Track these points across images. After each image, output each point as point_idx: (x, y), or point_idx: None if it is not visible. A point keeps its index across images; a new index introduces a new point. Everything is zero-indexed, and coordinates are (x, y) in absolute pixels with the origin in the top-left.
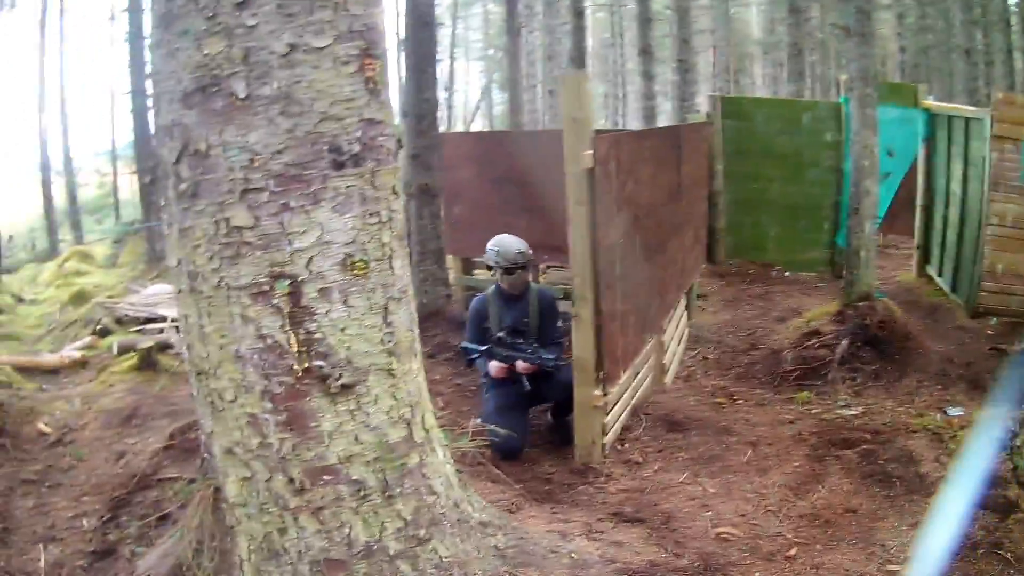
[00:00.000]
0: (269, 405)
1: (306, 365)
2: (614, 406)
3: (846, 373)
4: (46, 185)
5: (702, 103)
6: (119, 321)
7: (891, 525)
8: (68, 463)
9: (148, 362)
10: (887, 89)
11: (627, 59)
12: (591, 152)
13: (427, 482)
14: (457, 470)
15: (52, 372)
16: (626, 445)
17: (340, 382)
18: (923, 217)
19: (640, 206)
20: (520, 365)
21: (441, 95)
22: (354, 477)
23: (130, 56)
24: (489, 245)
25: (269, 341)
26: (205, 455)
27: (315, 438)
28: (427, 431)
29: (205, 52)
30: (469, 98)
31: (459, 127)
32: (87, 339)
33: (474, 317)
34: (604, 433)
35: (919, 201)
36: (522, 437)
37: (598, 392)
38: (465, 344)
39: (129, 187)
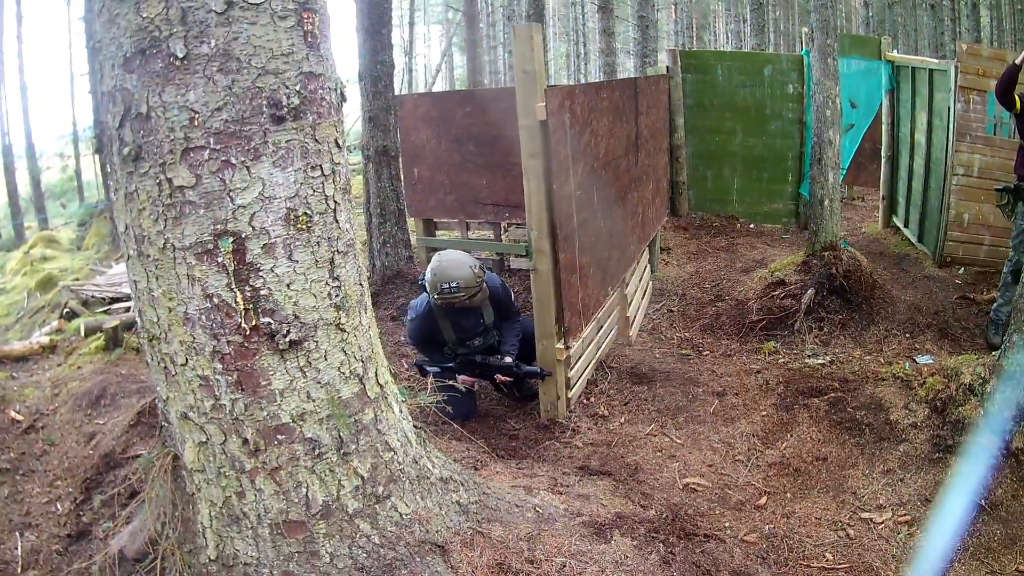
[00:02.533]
0: (219, 366)
1: (254, 323)
2: (578, 360)
3: (813, 323)
4: (8, 172)
5: (664, 59)
6: (85, 303)
7: (862, 473)
8: (41, 449)
9: (115, 341)
10: (850, 41)
11: (588, 18)
12: (543, 104)
13: (383, 438)
14: (419, 427)
15: (22, 359)
16: (592, 399)
17: (288, 338)
18: (888, 168)
19: (596, 158)
20: (501, 379)
21: (401, 60)
22: (308, 435)
23: (87, 36)
24: (440, 281)
25: (216, 300)
26: (163, 423)
27: (267, 397)
28: (381, 387)
29: (144, 15)
30: (430, 62)
31: (421, 90)
32: (54, 323)
33: (421, 332)
34: (569, 387)
35: (884, 152)
36: (472, 403)
37: (560, 345)
38: (425, 366)
39: (92, 169)
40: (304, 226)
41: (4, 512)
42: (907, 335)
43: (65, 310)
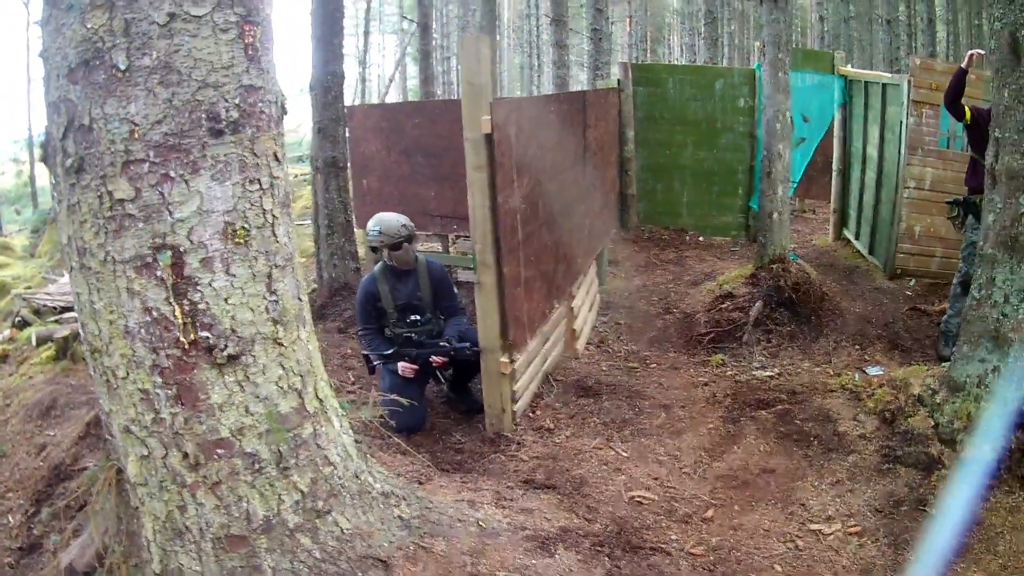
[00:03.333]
0: (159, 379)
1: (192, 337)
2: (523, 373)
3: (761, 335)
4: None
5: (616, 72)
6: (37, 312)
7: (810, 484)
8: None
9: (65, 351)
10: (803, 56)
11: (542, 30)
12: (489, 118)
13: (323, 453)
14: (361, 442)
15: None
16: (537, 412)
17: (226, 352)
18: (840, 181)
19: (543, 171)
20: (436, 359)
21: (356, 69)
22: (248, 450)
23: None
24: (369, 225)
25: (155, 314)
26: (107, 436)
27: (206, 411)
28: (321, 401)
29: (88, 25)
30: (384, 72)
31: (374, 99)
32: (6, 332)
33: (365, 299)
34: (514, 400)
35: (835, 166)
36: (421, 412)
37: (505, 359)
38: (366, 351)
39: (47, 175)
40: (242, 240)
41: None
42: (856, 347)
43: (17, 318)
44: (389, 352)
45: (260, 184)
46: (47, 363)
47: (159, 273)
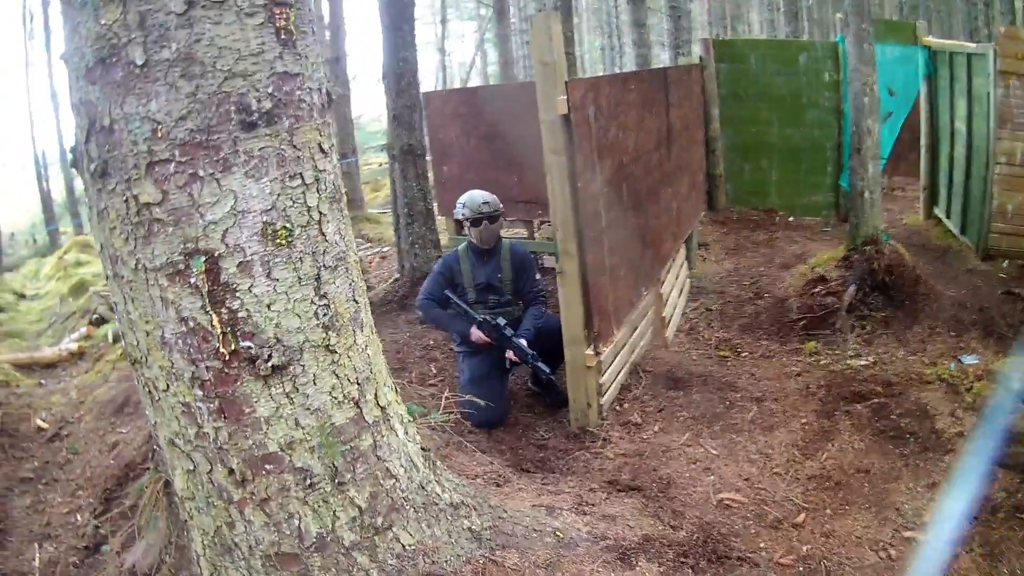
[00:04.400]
0: (200, 392)
1: (232, 347)
2: (610, 365)
3: (855, 321)
4: (40, 179)
5: (697, 49)
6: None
7: (906, 486)
8: (64, 458)
9: None
10: (885, 27)
11: (620, 11)
12: (564, 98)
13: (384, 465)
14: (432, 447)
15: (51, 366)
16: (625, 405)
17: (271, 363)
18: (928, 157)
19: (625, 153)
20: (510, 355)
21: (436, 57)
22: (299, 465)
23: None
24: (458, 201)
25: (192, 324)
26: (155, 447)
27: (251, 425)
28: (383, 408)
29: (103, 21)
30: (465, 59)
31: (455, 86)
32: (84, 329)
33: (443, 270)
34: (600, 394)
35: (923, 141)
36: (502, 406)
37: (590, 352)
38: (435, 321)
39: None
40: (284, 241)
41: (25, 522)
42: (952, 333)
43: (95, 315)
44: (465, 324)
45: (303, 179)
46: (121, 360)
47: (193, 280)
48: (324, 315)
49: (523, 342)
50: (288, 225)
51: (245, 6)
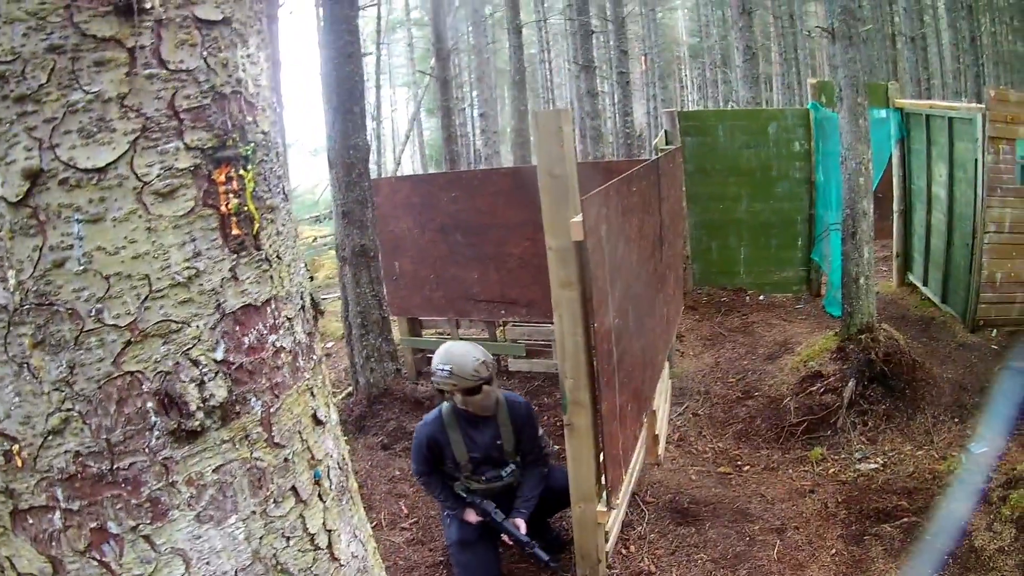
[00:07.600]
0: None
1: None
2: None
3: (855, 417)
4: None
5: (639, 116)
6: None
7: None
8: None
9: None
10: None
11: (554, 73)
12: (580, 219)
13: None
14: None
15: None
16: (631, 548)
17: None
18: (901, 223)
19: (630, 271)
20: (506, 539)
21: (370, 125)
22: None
23: None
24: (436, 362)
25: None
26: None
27: None
28: None
29: None
30: (396, 126)
31: (389, 156)
32: None
33: (426, 445)
34: (607, 541)
35: (896, 206)
36: (494, 570)
37: (602, 508)
38: (421, 473)
39: None
40: None
41: None
42: (955, 420)
43: None
44: (456, 505)
45: (297, 494)
46: None
47: None
48: None
49: (520, 525)
50: None
51: (153, 176)
